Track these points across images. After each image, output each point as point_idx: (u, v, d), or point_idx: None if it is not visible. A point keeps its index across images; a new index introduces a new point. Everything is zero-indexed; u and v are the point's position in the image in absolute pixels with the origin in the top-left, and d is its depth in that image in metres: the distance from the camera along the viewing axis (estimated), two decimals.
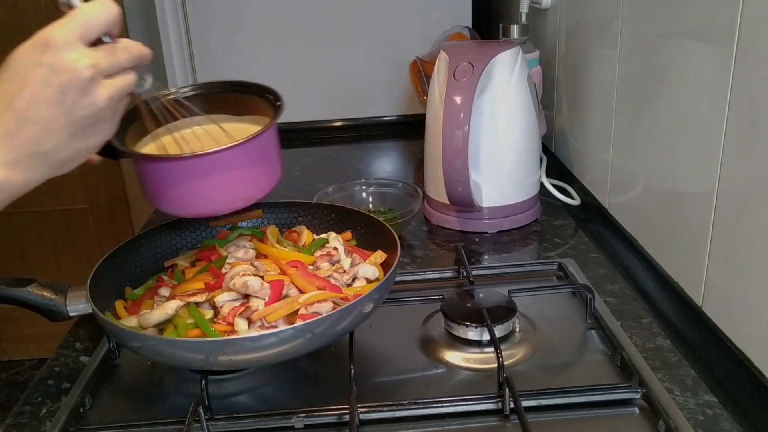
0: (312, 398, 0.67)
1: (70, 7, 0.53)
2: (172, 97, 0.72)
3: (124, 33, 2.42)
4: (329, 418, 0.63)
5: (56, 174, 0.54)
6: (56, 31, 0.51)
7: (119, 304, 0.73)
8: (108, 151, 0.62)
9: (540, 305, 0.80)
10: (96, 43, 0.53)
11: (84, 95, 0.51)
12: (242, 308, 0.66)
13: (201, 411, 0.62)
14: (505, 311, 0.74)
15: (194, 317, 0.66)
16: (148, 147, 0.70)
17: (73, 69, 0.50)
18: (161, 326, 0.68)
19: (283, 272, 0.71)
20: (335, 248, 0.77)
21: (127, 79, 0.55)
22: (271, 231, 0.78)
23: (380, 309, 0.71)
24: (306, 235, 0.80)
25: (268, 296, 0.67)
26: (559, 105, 1.21)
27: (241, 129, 0.71)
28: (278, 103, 0.71)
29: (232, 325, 0.65)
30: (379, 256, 0.76)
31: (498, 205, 1.02)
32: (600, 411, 0.63)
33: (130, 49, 0.56)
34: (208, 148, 0.65)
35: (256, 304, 0.66)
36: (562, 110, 1.19)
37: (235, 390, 0.69)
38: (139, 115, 0.69)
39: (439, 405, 0.64)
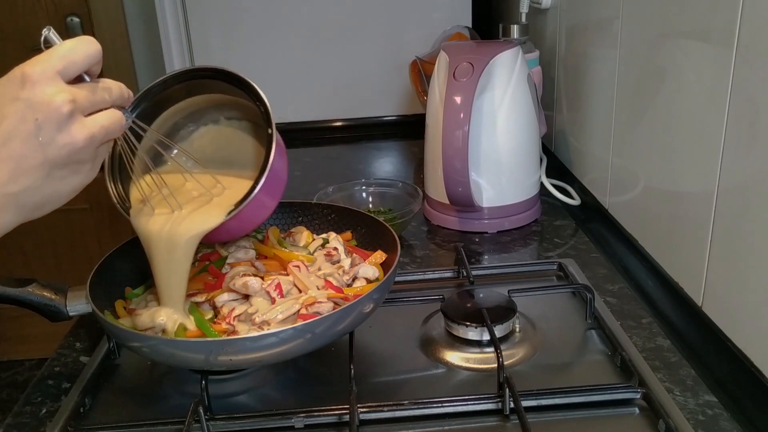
0: (312, 398, 0.67)
1: (50, 45, 0.50)
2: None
3: (125, 34, 2.40)
4: (329, 418, 0.63)
5: (32, 217, 0.51)
6: (34, 66, 0.48)
7: (119, 304, 0.73)
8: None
9: (540, 305, 0.80)
10: (76, 81, 0.51)
11: (60, 132, 0.48)
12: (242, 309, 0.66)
13: (201, 411, 0.62)
14: (505, 311, 0.74)
15: (194, 317, 0.67)
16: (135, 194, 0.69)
17: (50, 104, 0.47)
18: None
19: (283, 272, 0.71)
20: (335, 248, 0.77)
21: (112, 118, 0.52)
22: (273, 232, 0.78)
23: (380, 309, 0.71)
24: (305, 236, 0.80)
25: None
26: (559, 105, 1.21)
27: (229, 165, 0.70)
28: (262, 108, 0.65)
29: (232, 325, 0.65)
30: (379, 256, 0.76)
31: (498, 205, 1.02)
32: (600, 411, 0.63)
33: (111, 89, 0.53)
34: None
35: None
36: (562, 110, 1.19)
37: (235, 390, 0.69)
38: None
39: (439, 405, 0.64)
